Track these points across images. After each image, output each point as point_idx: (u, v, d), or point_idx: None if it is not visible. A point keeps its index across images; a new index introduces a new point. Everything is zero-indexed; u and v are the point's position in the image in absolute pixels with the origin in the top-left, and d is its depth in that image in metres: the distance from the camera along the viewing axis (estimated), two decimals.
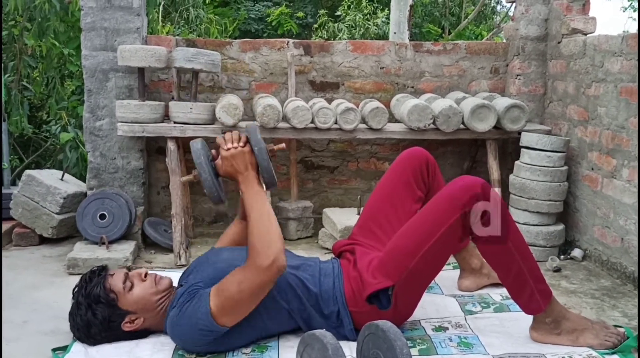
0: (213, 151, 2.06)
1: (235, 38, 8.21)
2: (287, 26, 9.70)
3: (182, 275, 2.19)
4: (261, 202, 1.97)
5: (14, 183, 4.47)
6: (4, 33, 4.31)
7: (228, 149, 2.00)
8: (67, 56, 5.06)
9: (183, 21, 8.15)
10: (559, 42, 3.42)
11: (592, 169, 3.05)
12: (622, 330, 2.10)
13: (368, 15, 9.90)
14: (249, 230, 1.93)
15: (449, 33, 10.97)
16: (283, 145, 2.12)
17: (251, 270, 1.87)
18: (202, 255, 2.22)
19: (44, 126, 6.00)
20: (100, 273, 2.04)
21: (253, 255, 1.88)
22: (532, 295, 2.02)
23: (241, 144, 2.01)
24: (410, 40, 7.03)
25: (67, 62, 5.09)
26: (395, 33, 7.35)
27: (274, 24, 10.00)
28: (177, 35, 7.30)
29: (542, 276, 2.05)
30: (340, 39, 9.34)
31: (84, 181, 3.46)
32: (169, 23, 7.79)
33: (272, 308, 2.01)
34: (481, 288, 2.59)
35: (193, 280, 2.03)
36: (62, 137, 4.81)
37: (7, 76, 4.87)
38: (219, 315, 1.89)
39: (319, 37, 9.72)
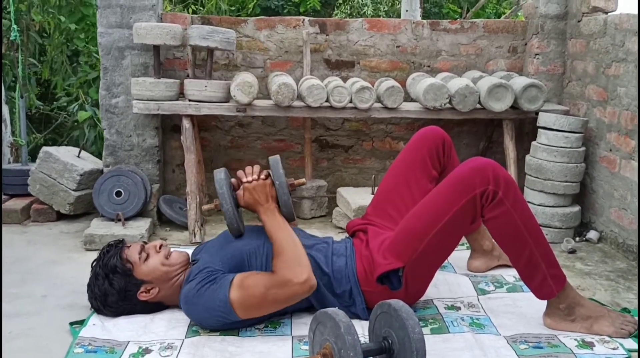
0: (233, 180, 2.11)
1: (257, 15, 8.08)
2: (310, 3, 9.52)
3: (195, 250, 2.22)
4: (285, 228, 2.02)
5: (32, 160, 4.51)
6: (12, 9, 4.28)
7: (250, 181, 2.05)
8: (73, 32, 5.01)
9: None
10: (579, 21, 3.35)
11: (610, 150, 3.01)
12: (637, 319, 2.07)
13: None
14: (276, 253, 1.97)
15: (467, 12, 10.75)
16: (303, 180, 2.17)
17: (283, 283, 1.90)
18: (220, 233, 2.24)
19: (55, 102, 6.01)
20: (117, 245, 2.10)
21: (286, 272, 1.91)
22: (544, 279, 1.99)
23: (262, 176, 2.07)
24: (422, 19, 6.93)
25: (73, 37, 5.02)
26: (407, 11, 7.25)
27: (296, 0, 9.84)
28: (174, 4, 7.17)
29: (555, 260, 2.01)
30: (365, 14, 9.18)
31: (101, 159, 3.49)
32: None
33: None
34: (491, 269, 2.58)
35: (210, 259, 2.05)
36: (80, 115, 4.84)
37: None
38: (237, 307, 1.92)
39: (342, 12, 9.54)
